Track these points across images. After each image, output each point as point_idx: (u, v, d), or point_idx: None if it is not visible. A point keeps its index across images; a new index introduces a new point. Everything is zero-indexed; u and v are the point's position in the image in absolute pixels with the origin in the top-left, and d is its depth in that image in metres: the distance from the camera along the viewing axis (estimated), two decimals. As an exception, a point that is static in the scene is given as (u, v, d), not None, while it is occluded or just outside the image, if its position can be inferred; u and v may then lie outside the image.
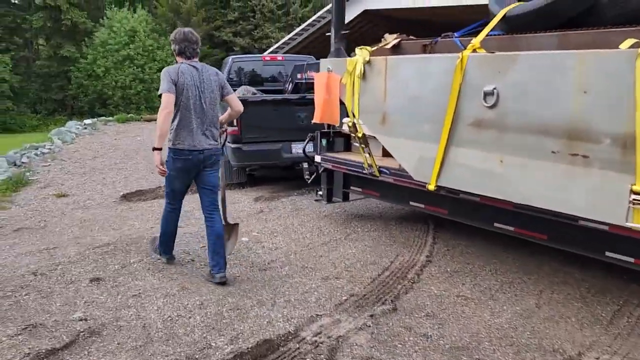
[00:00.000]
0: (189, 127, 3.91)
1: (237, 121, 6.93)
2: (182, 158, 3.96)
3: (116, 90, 23.40)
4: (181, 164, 3.99)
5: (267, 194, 7.27)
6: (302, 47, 22.21)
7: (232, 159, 7.14)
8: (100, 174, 8.74)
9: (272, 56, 9.05)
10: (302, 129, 7.11)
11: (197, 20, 25.77)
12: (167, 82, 3.82)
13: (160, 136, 3.81)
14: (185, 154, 3.94)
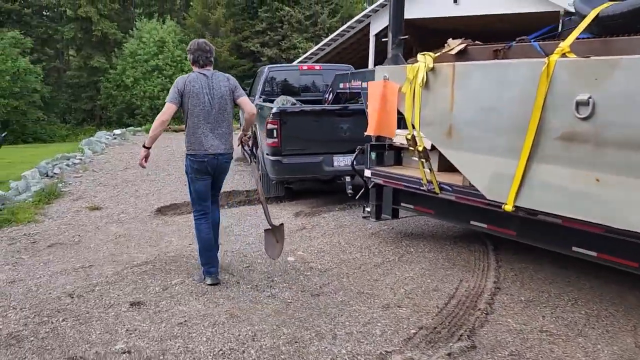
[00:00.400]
0: (200, 132, 4.10)
1: (276, 132, 6.63)
2: (198, 161, 4.16)
3: (144, 101, 23.46)
4: (198, 166, 4.18)
5: (307, 208, 6.92)
6: (331, 57, 21.98)
7: (271, 172, 6.82)
8: (133, 186, 8.51)
9: (310, 65, 8.76)
10: (345, 141, 6.80)
11: (225, 31, 25.78)
12: (173, 92, 4.10)
13: (151, 137, 4.19)
14: (200, 157, 4.14)
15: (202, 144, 4.10)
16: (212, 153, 4.13)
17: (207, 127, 4.10)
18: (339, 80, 7.03)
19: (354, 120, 6.77)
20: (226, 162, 4.30)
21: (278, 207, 7.08)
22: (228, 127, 4.23)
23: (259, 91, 8.55)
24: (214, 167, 4.20)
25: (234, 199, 7.51)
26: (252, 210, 6.88)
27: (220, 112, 4.14)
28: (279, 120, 6.62)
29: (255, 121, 7.67)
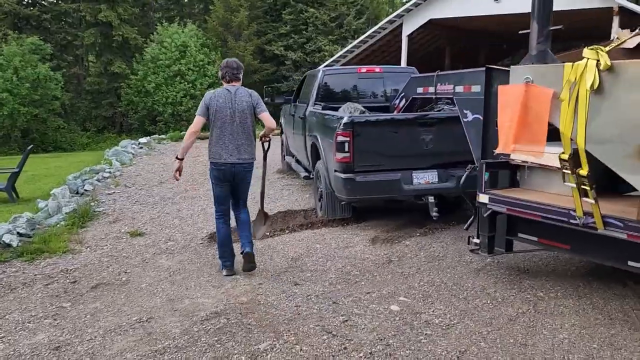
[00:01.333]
0: (222, 142, 4.55)
1: (348, 146, 5.68)
2: (217, 169, 4.63)
3: (166, 107, 22.68)
4: (217, 174, 4.66)
5: (382, 233, 5.95)
6: (359, 60, 21.01)
7: (342, 192, 5.86)
8: (173, 205, 7.61)
9: (369, 68, 7.82)
10: (426, 155, 5.84)
11: (248, 34, 24.98)
12: (201, 106, 4.59)
13: (183, 148, 4.69)
14: (219, 166, 4.60)
15: (221, 154, 4.56)
16: (230, 162, 4.58)
17: (228, 138, 4.55)
18: (417, 84, 6.07)
19: (437, 131, 5.80)
20: (245, 171, 4.71)
21: (346, 230, 6.12)
22: (247, 138, 4.63)
23: (313, 97, 7.60)
24: (232, 175, 4.66)
25: (292, 222, 6.56)
26: (317, 236, 5.93)
27: (240, 124, 4.57)
28: (351, 132, 5.67)
29: (314, 130, 6.76)
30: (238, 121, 4.53)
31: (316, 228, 6.28)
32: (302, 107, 8.06)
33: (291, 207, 7.34)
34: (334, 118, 6.03)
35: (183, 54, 23.17)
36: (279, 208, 7.28)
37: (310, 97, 7.76)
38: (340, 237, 5.87)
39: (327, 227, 6.29)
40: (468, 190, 5.88)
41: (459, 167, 5.92)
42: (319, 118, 6.68)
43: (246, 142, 4.61)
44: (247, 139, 4.61)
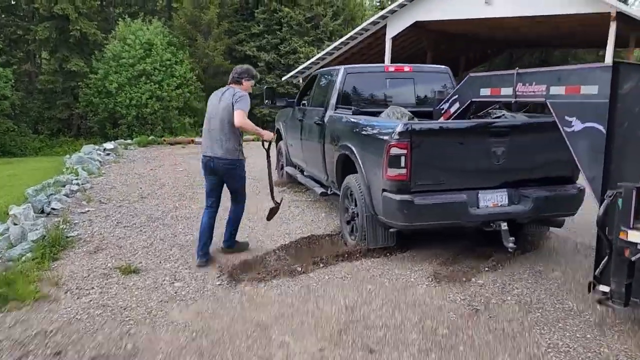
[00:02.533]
0: (204, 136, 5.10)
1: (405, 160, 4.54)
2: (201, 160, 5.16)
3: (130, 109, 20.87)
4: (202, 165, 5.17)
5: (440, 267, 4.85)
6: (338, 63, 19.97)
7: (395, 217, 4.70)
8: (166, 228, 6.26)
9: (398, 66, 6.73)
10: (495, 172, 4.78)
11: (218, 33, 23.51)
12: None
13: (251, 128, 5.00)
14: (202, 158, 5.12)
15: (203, 147, 5.08)
16: (208, 155, 4.98)
17: (207, 133, 5.01)
18: (480, 84, 4.99)
19: (510, 142, 4.74)
20: (224, 167, 4.98)
21: (393, 263, 4.98)
22: (225, 135, 4.86)
23: (333, 100, 6.43)
24: (212, 169, 5.03)
25: (321, 251, 5.37)
26: (361, 272, 4.77)
27: (220, 122, 4.86)
28: (408, 143, 4.53)
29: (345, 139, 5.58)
30: (218, 118, 4.87)
31: (354, 259, 5.11)
32: (316, 112, 6.88)
33: (309, 230, 6.16)
34: (383, 125, 4.87)
35: (148, 53, 21.43)
36: (296, 231, 6.08)
37: (328, 100, 6.59)
38: (392, 273, 4.72)
39: (367, 259, 5.13)
40: (545, 214, 4.94)
41: (532, 185, 4.91)
42: (353, 125, 5.51)
43: (223, 138, 4.87)
44: (225, 136, 4.87)
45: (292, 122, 8.14)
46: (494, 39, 21.39)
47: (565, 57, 28.98)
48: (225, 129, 4.85)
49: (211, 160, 4.96)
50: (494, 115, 5.47)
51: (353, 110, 5.87)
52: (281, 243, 5.64)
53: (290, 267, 4.88)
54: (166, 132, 20.76)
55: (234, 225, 5.34)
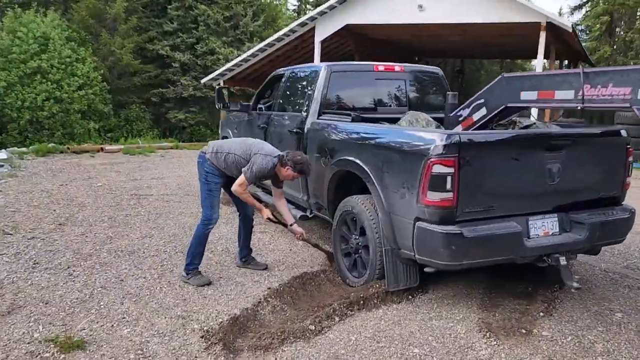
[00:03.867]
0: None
1: (452, 181, 3.52)
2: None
3: (23, 112, 18.10)
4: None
5: (483, 312, 3.89)
6: (261, 67, 18.81)
7: (437, 255, 3.64)
8: (104, 268, 4.74)
9: (388, 66, 5.72)
10: (546, 194, 3.91)
11: (126, 29, 21.27)
12: None
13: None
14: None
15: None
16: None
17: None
18: (520, 86, 4.10)
19: (565, 157, 3.89)
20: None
21: (423, 310, 3.94)
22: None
23: (316, 103, 5.30)
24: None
25: (325, 296, 4.22)
26: (391, 326, 3.69)
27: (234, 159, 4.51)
28: (456, 159, 3.52)
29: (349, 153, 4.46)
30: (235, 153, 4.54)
31: (373, 307, 4.00)
32: (290, 118, 5.72)
33: (292, 263, 4.98)
34: (416, 136, 3.81)
35: (44, 48, 18.75)
36: (278, 266, 4.88)
37: (307, 104, 5.44)
38: (431, 327, 3.67)
39: (387, 305, 4.05)
40: (599, 243, 4.14)
41: (580, 209, 4.10)
42: (362, 136, 4.41)
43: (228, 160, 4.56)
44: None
45: (249, 130, 6.86)
46: (422, 47, 21.26)
47: (477, 67, 29.93)
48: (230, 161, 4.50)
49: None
50: (521, 124, 4.62)
51: (353, 117, 4.76)
52: (268, 285, 4.40)
53: (298, 324, 3.66)
54: (67, 139, 18.27)
55: (190, 246, 4.58)
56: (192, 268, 4.53)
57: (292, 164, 4.38)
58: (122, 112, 21.14)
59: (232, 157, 4.45)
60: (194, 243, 4.54)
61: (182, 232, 6.00)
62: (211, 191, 4.52)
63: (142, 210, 7.04)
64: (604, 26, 22.57)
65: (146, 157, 13.79)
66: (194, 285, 4.41)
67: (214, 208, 4.52)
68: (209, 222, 4.50)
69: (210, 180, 4.52)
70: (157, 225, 6.26)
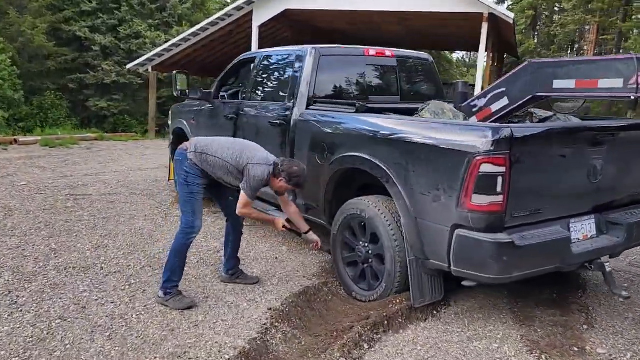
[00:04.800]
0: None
1: (502, 182, 3.03)
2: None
3: None
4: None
5: (523, 327, 3.46)
6: (194, 52, 17.69)
7: (483, 268, 3.13)
8: (61, 292, 3.82)
9: (379, 50, 5.14)
10: (587, 194, 3.55)
11: (37, 7, 19.18)
12: None
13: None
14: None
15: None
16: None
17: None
18: (553, 73, 3.69)
19: (607, 153, 3.53)
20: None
21: (456, 327, 3.46)
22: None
23: (306, 91, 4.65)
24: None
25: (344, 319, 3.62)
26: (435, 351, 3.15)
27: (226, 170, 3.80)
28: (507, 157, 3.03)
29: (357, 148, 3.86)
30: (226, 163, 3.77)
31: (400, 327, 3.45)
32: (270, 109, 5.03)
33: (285, 274, 4.34)
34: (457, 130, 3.27)
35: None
36: (270, 279, 4.21)
37: (292, 92, 4.78)
38: (473, 349, 3.19)
39: (414, 324, 3.52)
40: (635, 244, 3.83)
41: (614, 209, 3.78)
42: (377, 129, 3.81)
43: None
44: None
45: (212, 121, 6.07)
46: (361, 37, 20.89)
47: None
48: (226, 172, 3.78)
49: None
50: (539, 116, 4.23)
51: (358, 107, 4.15)
52: (268, 305, 3.73)
53: (323, 356, 3.03)
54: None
55: (167, 261, 3.81)
56: (171, 286, 3.77)
57: (286, 176, 3.68)
58: (34, 100, 19.07)
59: (220, 162, 3.72)
60: (172, 256, 3.77)
61: (141, 241, 5.14)
62: (192, 194, 3.76)
63: (85, 214, 6.04)
64: (529, 20, 23.38)
65: (69, 149, 12.39)
66: (175, 308, 3.65)
67: (196, 214, 3.77)
68: (191, 230, 3.74)
69: (191, 181, 3.76)
70: (108, 233, 5.34)
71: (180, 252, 3.77)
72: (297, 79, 4.75)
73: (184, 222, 3.75)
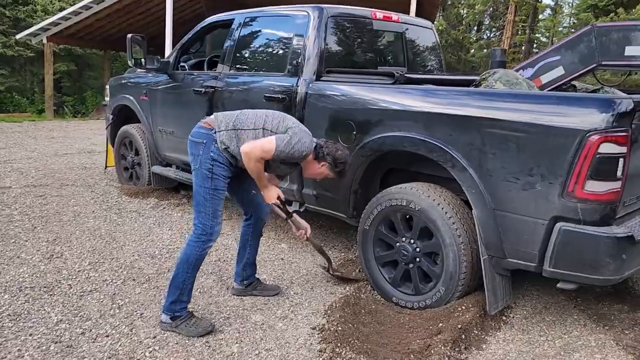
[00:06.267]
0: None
1: (623, 165, 2.55)
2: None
3: None
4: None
5: (609, 330, 3.04)
6: (96, 21, 15.78)
7: (598, 269, 2.63)
8: (29, 325, 2.79)
9: (386, 14, 4.44)
10: None
11: None
12: None
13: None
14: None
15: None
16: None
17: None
18: (624, 37, 3.27)
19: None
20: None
21: (536, 339, 2.98)
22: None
23: (314, 59, 3.89)
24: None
25: (407, 334, 2.99)
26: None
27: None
28: (629, 134, 2.55)
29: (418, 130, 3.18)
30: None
31: (481, 342, 2.88)
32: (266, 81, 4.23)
33: (305, 280, 3.62)
34: (563, 102, 2.72)
35: None
36: (293, 288, 3.47)
37: (294, 61, 4.00)
38: (581, 363, 2.70)
39: (488, 335, 2.98)
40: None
41: None
42: (443, 104, 3.15)
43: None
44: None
45: (176, 97, 5.09)
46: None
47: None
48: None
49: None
50: (585, 89, 3.83)
51: (397, 78, 3.47)
52: (310, 323, 2.99)
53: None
54: None
55: (175, 276, 2.91)
56: (181, 309, 2.90)
57: (332, 161, 2.95)
58: None
59: (260, 134, 2.88)
60: (182, 271, 2.89)
61: (104, 245, 4.10)
62: (217, 190, 2.89)
63: (14, 213, 4.80)
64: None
65: (-47, 133, 10.41)
66: (190, 335, 2.80)
67: (217, 216, 2.91)
68: (209, 238, 2.89)
69: (218, 173, 2.88)
70: (55, 237, 4.22)
71: (194, 265, 2.91)
72: (304, 45, 3.95)
73: (200, 227, 2.87)
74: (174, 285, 2.89)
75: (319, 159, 2.96)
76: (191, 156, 2.97)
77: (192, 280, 2.93)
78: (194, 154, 2.93)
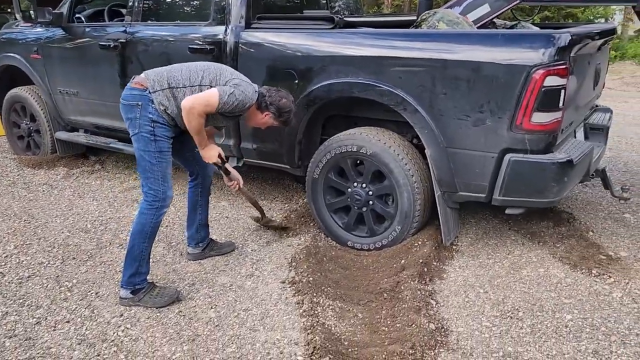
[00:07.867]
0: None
1: (563, 95, 2.79)
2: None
3: None
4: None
5: (551, 248, 3.38)
6: None
7: (543, 193, 2.87)
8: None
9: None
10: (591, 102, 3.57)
11: None
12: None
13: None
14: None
15: None
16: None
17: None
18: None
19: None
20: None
21: (488, 264, 3.23)
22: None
23: (242, 4, 3.69)
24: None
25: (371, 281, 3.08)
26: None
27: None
28: (568, 66, 2.77)
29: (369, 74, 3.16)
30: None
31: (442, 273, 3.07)
32: (185, 31, 3.95)
33: (258, 235, 3.56)
34: (508, 39, 2.83)
35: None
36: (244, 244, 3.42)
37: (217, 8, 3.75)
38: (527, 280, 2.99)
39: (447, 266, 3.18)
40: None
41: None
42: (392, 47, 3.14)
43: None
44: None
45: (76, 53, 4.59)
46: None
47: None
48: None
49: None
50: (504, 25, 4.04)
51: (337, 22, 3.40)
52: (278, 277, 2.99)
53: (396, 325, 2.52)
54: None
55: (130, 248, 2.73)
56: (141, 280, 2.76)
57: (275, 110, 2.83)
58: None
59: (197, 91, 2.69)
60: (138, 241, 2.71)
61: (23, 225, 3.71)
62: (162, 153, 2.70)
63: None
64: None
65: None
66: (155, 306, 2.69)
67: (166, 180, 2.74)
68: (162, 203, 2.72)
69: (160, 134, 2.68)
70: None
71: (150, 234, 2.74)
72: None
73: (151, 194, 2.68)
74: (131, 258, 2.71)
75: (262, 109, 2.84)
76: (127, 121, 2.72)
77: (149, 250, 2.76)
78: (130, 117, 2.69)
